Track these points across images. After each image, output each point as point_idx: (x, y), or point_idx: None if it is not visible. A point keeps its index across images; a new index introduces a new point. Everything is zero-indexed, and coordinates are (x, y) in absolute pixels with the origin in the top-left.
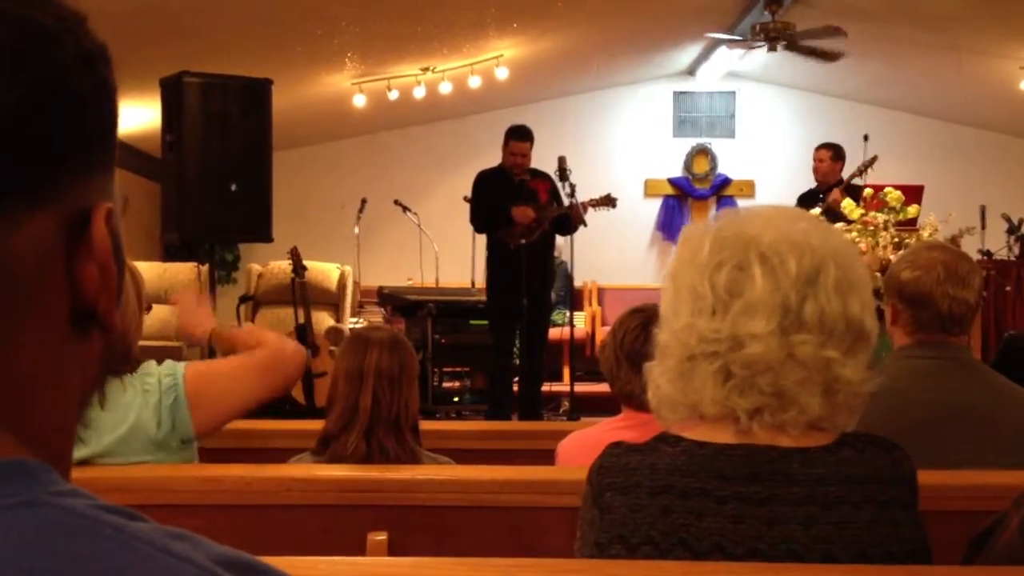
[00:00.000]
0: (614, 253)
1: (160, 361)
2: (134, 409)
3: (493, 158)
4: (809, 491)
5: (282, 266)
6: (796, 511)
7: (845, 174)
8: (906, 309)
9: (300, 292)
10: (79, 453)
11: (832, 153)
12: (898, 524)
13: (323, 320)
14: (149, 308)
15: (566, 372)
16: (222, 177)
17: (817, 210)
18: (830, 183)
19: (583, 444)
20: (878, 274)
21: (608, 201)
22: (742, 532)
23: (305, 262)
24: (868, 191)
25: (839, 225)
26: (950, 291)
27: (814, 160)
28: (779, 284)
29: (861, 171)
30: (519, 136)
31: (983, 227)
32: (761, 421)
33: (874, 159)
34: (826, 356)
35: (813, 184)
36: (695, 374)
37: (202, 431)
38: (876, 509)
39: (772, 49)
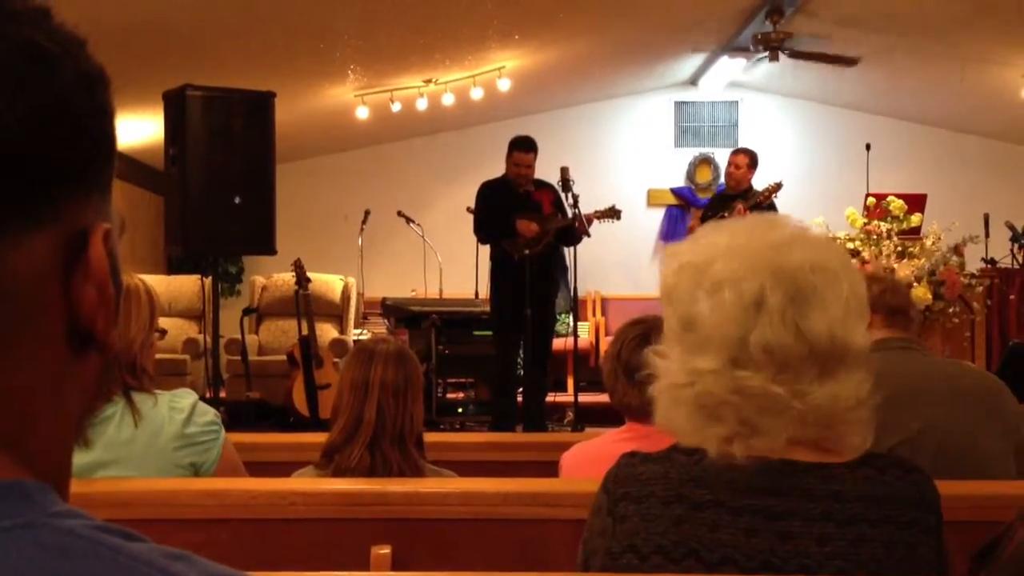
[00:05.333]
0: (617, 263)
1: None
2: (160, 423)
3: (496, 169)
4: (826, 507)
5: (286, 278)
6: (811, 527)
7: (759, 185)
8: None
9: (304, 304)
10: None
11: (749, 160)
12: (917, 547)
13: (327, 332)
14: (163, 333)
15: (570, 382)
16: (225, 190)
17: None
18: (740, 190)
19: (587, 456)
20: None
21: (613, 213)
22: (755, 545)
23: (309, 274)
24: (871, 200)
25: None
26: None
27: (729, 165)
28: (725, 316)
29: (767, 196)
30: (522, 147)
31: (987, 235)
32: (740, 446)
33: (779, 185)
34: (773, 392)
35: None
36: (676, 402)
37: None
38: (895, 530)
39: (774, 59)
